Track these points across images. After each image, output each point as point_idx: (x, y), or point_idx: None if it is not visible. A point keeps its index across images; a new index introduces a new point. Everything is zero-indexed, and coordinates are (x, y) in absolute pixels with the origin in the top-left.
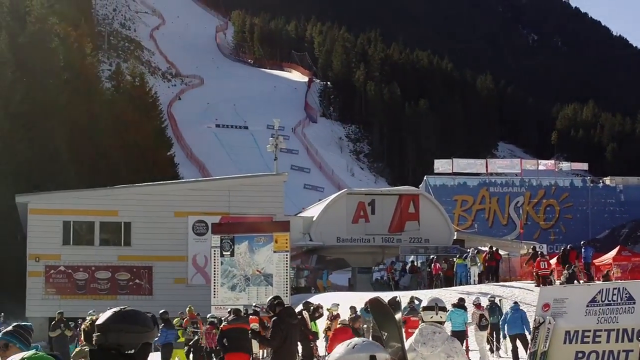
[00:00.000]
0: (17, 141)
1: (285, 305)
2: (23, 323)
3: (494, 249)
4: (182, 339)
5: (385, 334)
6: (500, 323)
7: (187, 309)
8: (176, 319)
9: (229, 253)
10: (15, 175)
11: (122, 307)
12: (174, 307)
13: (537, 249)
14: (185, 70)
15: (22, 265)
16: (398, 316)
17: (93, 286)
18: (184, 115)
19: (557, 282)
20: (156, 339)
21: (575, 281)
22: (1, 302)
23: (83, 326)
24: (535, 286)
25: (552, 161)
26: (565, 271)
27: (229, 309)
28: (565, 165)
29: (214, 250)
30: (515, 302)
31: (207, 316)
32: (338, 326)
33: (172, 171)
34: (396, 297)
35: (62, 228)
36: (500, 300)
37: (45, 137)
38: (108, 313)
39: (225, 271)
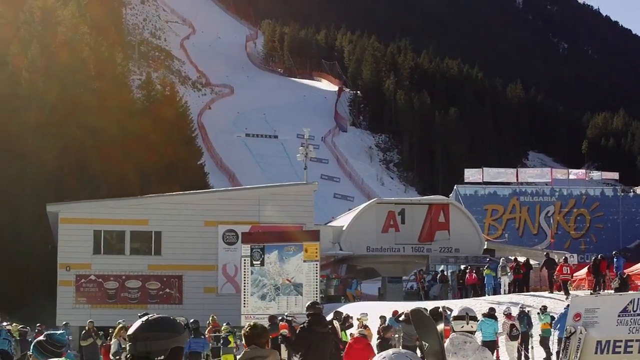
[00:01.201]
0: (48, 150)
1: (316, 313)
2: (56, 333)
3: (522, 261)
4: (232, 344)
5: (427, 344)
6: (553, 325)
7: (211, 318)
8: (224, 326)
9: (259, 262)
10: (46, 184)
11: (149, 315)
12: (204, 317)
13: (550, 255)
14: (216, 80)
15: (53, 274)
16: (440, 327)
17: (123, 295)
18: (214, 124)
19: (588, 291)
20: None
21: (607, 291)
22: (32, 312)
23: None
24: (550, 292)
25: (583, 170)
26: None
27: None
28: (595, 175)
29: (244, 260)
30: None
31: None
32: (355, 336)
33: (202, 180)
34: (439, 307)
35: (93, 237)
36: (529, 310)
37: (76, 146)
38: (137, 323)
39: (255, 280)
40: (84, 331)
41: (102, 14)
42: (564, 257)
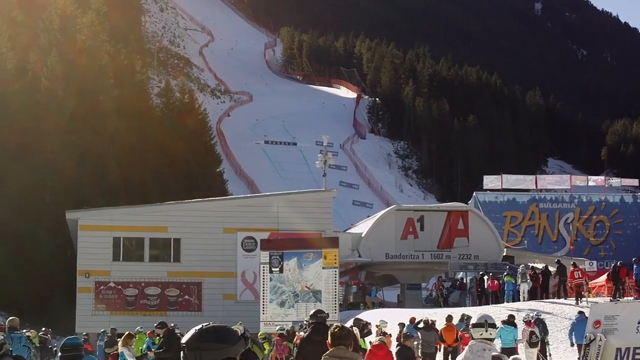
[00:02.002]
0: (67, 158)
1: (318, 322)
2: (69, 340)
3: (539, 270)
4: (266, 350)
5: None
6: (568, 333)
7: (237, 325)
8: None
9: (278, 269)
10: (65, 191)
11: (205, 324)
12: (224, 324)
13: (562, 262)
14: (234, 87)
15: (72, 281)
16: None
17: (143, 302)
18: (233, 131)
19: (608, 298)
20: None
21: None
22: (52, 318)
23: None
24: (565, 298)
25: (602, 177)
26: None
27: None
28: (615, 181)
29: (263, 267)
30: (581, 312)
31: (277, 329)
32: (375, 342)
33: (221, 187)
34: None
35: (112, 244)
36: (543, 317)
37: (95, 153)
38: (191, 331)
39: (274, 287)
40: (106, 338)
41: (121, 21)
42: (572, 263)
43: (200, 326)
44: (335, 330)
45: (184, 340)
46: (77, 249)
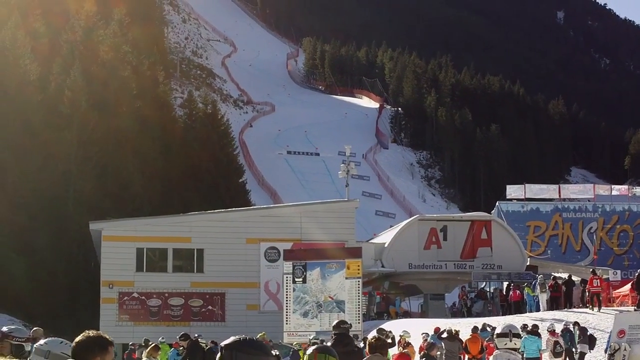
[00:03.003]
0: (91, 168)
1: (341, 333)
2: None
3: (562, 277)
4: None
5: None
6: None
7: (260, 335)
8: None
9: (301, 279)
10: (88, 202)
11: (245, 335)
12: (247, 334)
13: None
14: (257, 98)
15: (96, 291)
16: None
17: (166, 313)
18: (256, 142)
19: (632, 307)
20: None
21: None
22: (75, 329)
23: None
24: (586, 307)
25: (626, 186)
26: None
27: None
28: (638, 190)
29: (286, 277)
30: (575, 322)
31: (310, 338)
32: (398, 353)
33: (244, 198)
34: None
35: (136, 255)
36: (574, 326)
37: (118, 164)
38: (230, 338)
39: (298, 297)
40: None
41: (143, 33)
42: (591, 270)
43: (239, 336)
44: (372, 340)
45: (223, 343)
46: (101, 259)
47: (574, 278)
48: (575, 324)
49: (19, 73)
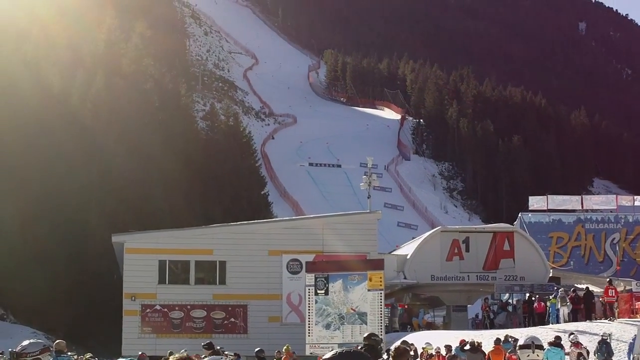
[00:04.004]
0: (113, 181)
1: (370, 345)
2: None
3: (582, 292)
4: None
5: None
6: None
7: (284, 348)
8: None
9: (323, 291)
10: (111, 214)
11: (344, 349)
12: (269, 346)
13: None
14: (279, 110)
15: (119, 304)
16: None
17: (188, 325)
18: (278, 154)
19: None
20: None
21: None
22: (98, 341)
23: None
24: (604, 318)
25: None
26: None
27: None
28: None
29: (308, 289)
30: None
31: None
32: None
33: (266, 210)
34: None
35: (158, 267)
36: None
37: (140, 176)
38: (329, 354)
39: (320, 309)
40: None
41: (165, 45)
42: (608, 279)
43: (340, 350)
44: (393, 352)
45: (326, 356)
46: (123, 272)
47: (595, 289)
48: (608, 335)
49: (41, 86)
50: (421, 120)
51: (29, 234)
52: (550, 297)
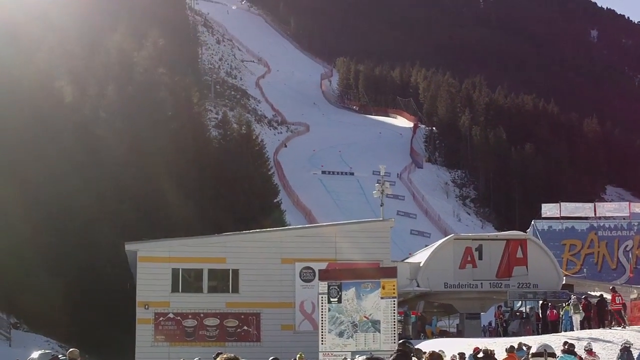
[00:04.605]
0: (126, 189)
1: (404, 351)
2: None
3: (594, 299)
4: None
5: None
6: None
7: (298, 355)
8: None
9: (336, 299)
10: (124, 223)
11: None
12: (282, 354)
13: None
14: (291, 118)
15: (132, 312)
16: None
17: (202, 333)
18: (290, 162)
19: None
20: None
21: None
22: (111, 350)
23: None
24: (617, 326)
25: None
26: None
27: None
28: None
29: (321, 297)
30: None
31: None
32: None
33: (279, 218)
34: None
35: (171, 275)
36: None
37: (153, 185)
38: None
39: (333, 317)
40: None
41: (178, 54)
42: (611, 287)
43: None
44: (427, 356)
45: None
46: (137, 280)
47: (609, 296)
48: (631, 344)
49: (54, 95)
50: (434, 128)
51: (41, 243)
52: (564, 304)
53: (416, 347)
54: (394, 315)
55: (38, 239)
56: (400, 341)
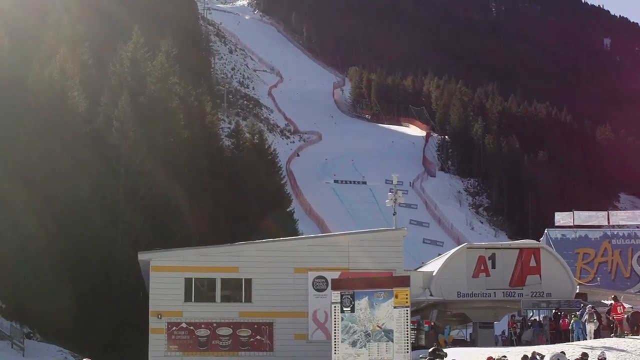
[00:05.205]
0: (139, 199)
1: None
2: None
3: (605, 308)
4: None
5: None
6: None
7: None
8: None
9: (349, 309)
10: (137, 232)
11: None
12: None
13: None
14: (303, 127)
15: (145, 322)
16: None
17: (214, 343)
18: (303, 171)
19: None
20: None
21: None
22: (124, 358)
23: None
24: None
25: None
26: None
27: None
28: None
29: (334, 306)
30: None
31: None
32: None
33: (292, 227)
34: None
35: (184, 285)
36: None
37: (166, 194)
38: None
39: (346, 327)
40: None
41: (191, 64)
42: (612, 296)
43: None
44: None
45: None
46: (149, 290)
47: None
48: None
49: (67, 105)
50: (446, 136)
51: (54, 253)
52: (573, 315)
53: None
54: (407, 325)
55: (52, 248)
56: (431, 349)
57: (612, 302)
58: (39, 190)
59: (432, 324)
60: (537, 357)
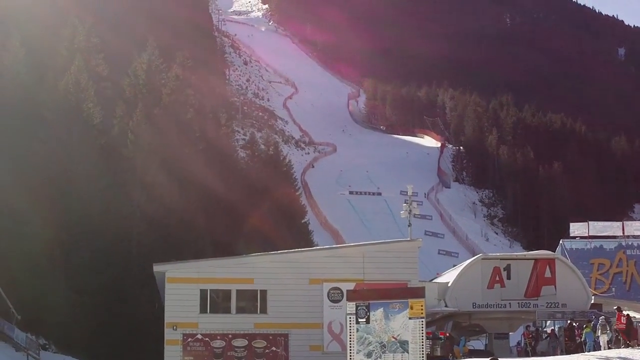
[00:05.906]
0: (154, 211)
1: None
2: None
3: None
4: None
5: None
6: None
7: None
8: None
9: (364, 320)
10: (152, 244)
11: None
12: None
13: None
14: (318, 138)
15: (160, 334)
16: None
17: (230, 354)
18: (318, 182)
19: None
20: None
21: None
22: None
23: None
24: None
25: None
26: None
27: None
28: None
29: (349, 317)
30: None
31: None
32: None
33: (307, 238)
34: None
35: (199, 296)
36: None
37: (182, 206)
38: None
39: (361, 338)
40: None
41: (206, 75)
42: (616, 307)
43: None
44: None
45: None
46: (165, 301)
47: (637, 315)
48: None
49: (82, 116)
50: (461, 147)
51: (70, 265)
52: (584, 325)
53: None
54: (423, 336)
55: (67, 261)
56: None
57: (627, 313)
58: (53, 202)
59: (448, 334)
60: None
